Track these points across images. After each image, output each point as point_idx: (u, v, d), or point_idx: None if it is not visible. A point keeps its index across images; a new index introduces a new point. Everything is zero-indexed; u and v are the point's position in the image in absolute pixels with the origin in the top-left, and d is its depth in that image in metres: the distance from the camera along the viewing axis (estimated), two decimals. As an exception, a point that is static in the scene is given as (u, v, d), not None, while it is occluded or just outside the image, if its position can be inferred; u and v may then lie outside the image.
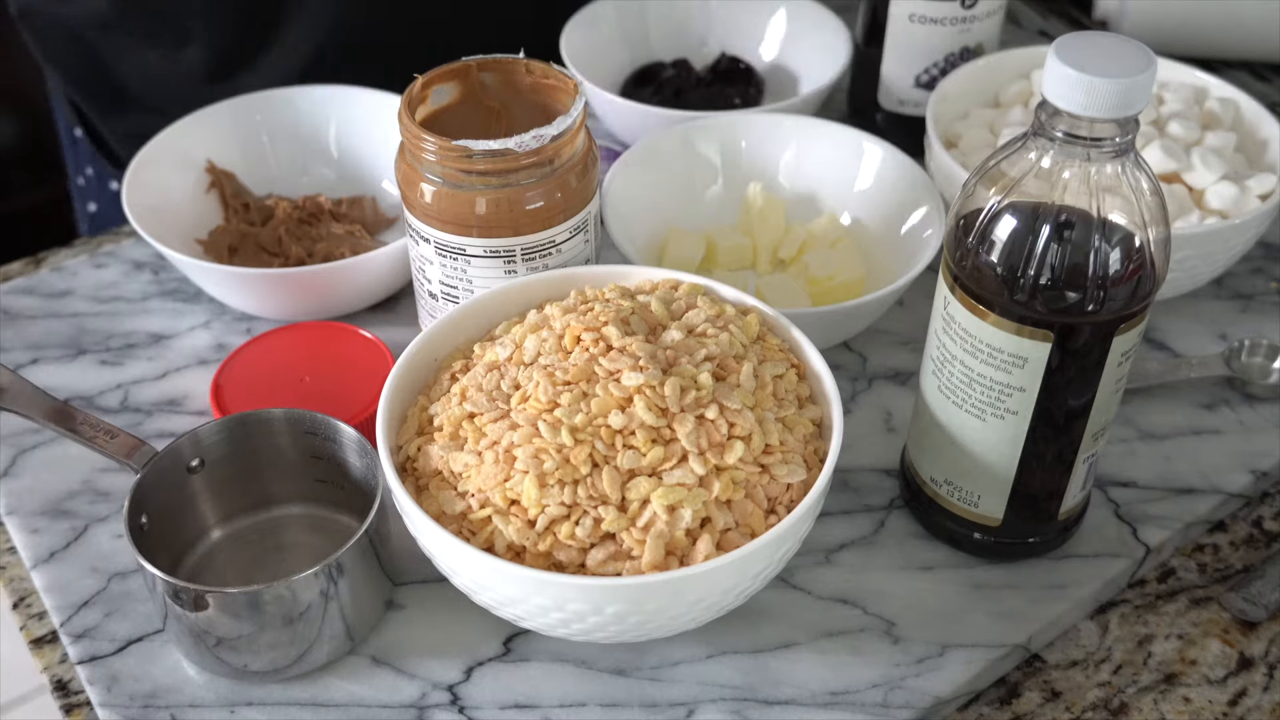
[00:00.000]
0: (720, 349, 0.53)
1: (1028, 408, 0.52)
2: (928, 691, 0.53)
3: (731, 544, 0.49)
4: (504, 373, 0.52)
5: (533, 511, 0.48)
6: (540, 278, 0.58)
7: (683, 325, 0.54)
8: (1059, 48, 0.46)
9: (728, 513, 0.49)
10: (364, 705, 0.53)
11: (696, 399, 0.50)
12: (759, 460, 0.50)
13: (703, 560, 0.48)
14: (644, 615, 0.48)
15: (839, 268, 0.69)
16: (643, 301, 0.55)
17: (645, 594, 0.47)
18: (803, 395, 0.55)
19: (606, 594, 0.47)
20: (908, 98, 0.81)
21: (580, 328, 0.52)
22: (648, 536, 0.48)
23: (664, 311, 0.55)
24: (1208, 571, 0.60)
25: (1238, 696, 0.55)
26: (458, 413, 0.52)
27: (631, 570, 0.48)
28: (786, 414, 0.52)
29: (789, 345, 0.56)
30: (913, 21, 0.77)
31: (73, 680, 0.55)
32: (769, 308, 0.57)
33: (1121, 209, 0.48)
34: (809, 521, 0.51)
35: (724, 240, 0.72)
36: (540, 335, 0.53)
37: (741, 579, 0.49)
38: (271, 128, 0.78)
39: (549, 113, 0.60)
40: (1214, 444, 0.65)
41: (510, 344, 0.54)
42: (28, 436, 0.65)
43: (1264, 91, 0.91)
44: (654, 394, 0.50)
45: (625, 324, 0.53)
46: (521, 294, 0.58)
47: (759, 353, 0.54)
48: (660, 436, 0.49)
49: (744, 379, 0.52)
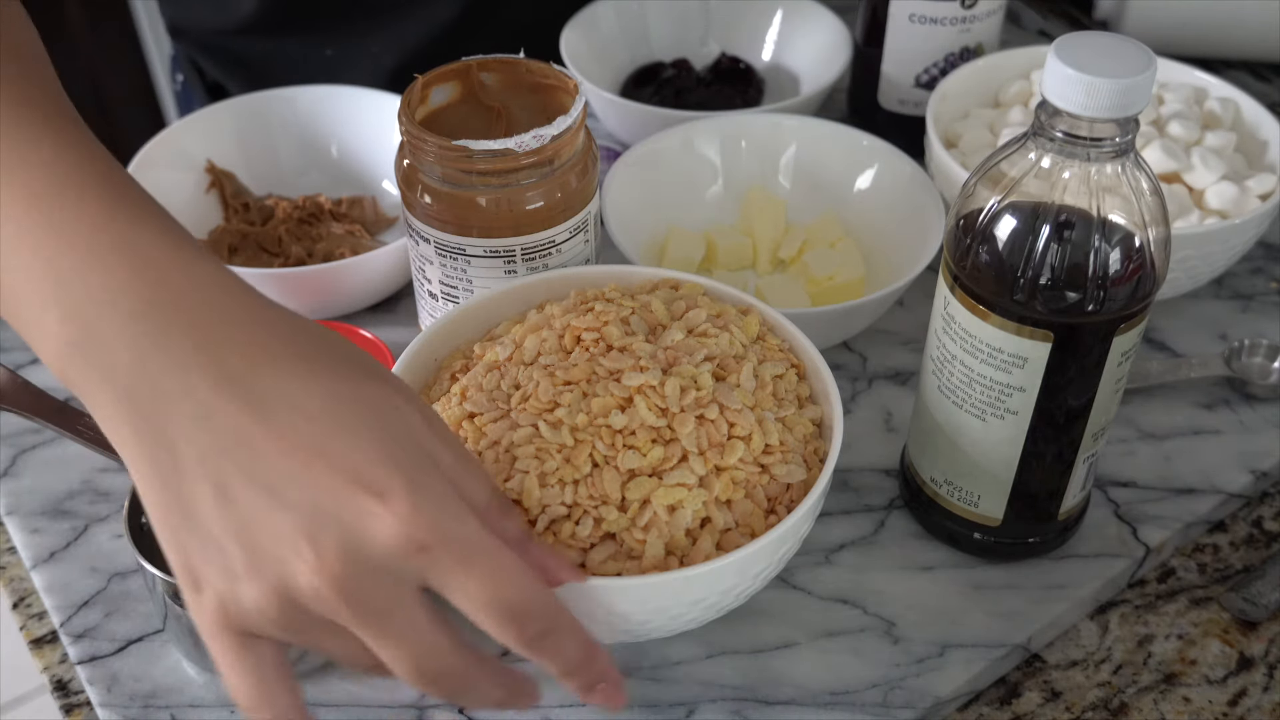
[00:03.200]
0: (720, 349, 0.53)
1: (1028, 408, 0.52)
2: (928, 691, 0.53)
3: (732, 544, 0.49)
4: (504, 372, 0.52)
5: (534, 511, 0.48)
6: (541, 278, 0.58)
7: (683, 325, 0.54)
8: (1059, 48, 0.46)
9: (728, 513, 0.49)
10: (364, 705, 0.53)
11: (697, 399, 0.50)
12: (759, 460, 0.50)
13: (703, 560, 0.48)
14: (645, 615, 0.48)
15: (839, 268, 0.69)
16: (643, 301, 0.55)
17: (646, 594, 0.47)
18: (803, 395, 0.55)
19: (609, 594, 0.47)
20: (908, 98, 0.81)
21: (581, 327, 0.52)
22: (648, 536, 0.48)
23: (664, 311, 0.55)
24: (1208, 571, 0.60)
25: (1238, 696, 0.55)
26: (458, 412, 0.52)
27: (632, 570, 0.48)
28: (786, 414, 0.52)
29: (789, 345, 0.56)
30: (913, 21, 0.77)
31: (73, 680, 0.55)
32: (769, 308, 0.57)
33: (1121, 209, 0.48)
34: (809, 522, 0.51)
35: (724, 240, 0.72)
36: (540, 335, 0.53)
37: (742, 579, 0.49)
38: (271, 128, 0.78)
39: (549, 113, 0.60)
40: (1214, 444, 0.65)
41: (510, 344, 0.54)
42: (28, 436, 0.65)
43: (1264, 91, 0.91)
44: (655, 394, 0.50)
45: (626, 324, 0.53)
46: (522, 294, 0.58)
47: (759, 353, 0.54)
48: (661, 436, 0.49)
49: (744, 379, 0.52)
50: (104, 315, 0.39)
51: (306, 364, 0.40)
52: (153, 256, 0.41)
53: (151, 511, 0.39)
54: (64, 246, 0.40)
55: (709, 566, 0.47)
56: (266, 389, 0.39)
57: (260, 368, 0.39)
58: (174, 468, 0.38)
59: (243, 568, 0.38)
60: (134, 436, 0.39)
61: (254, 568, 0.37)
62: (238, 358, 0.39)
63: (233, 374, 0.39)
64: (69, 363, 0.40)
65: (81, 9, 1.59)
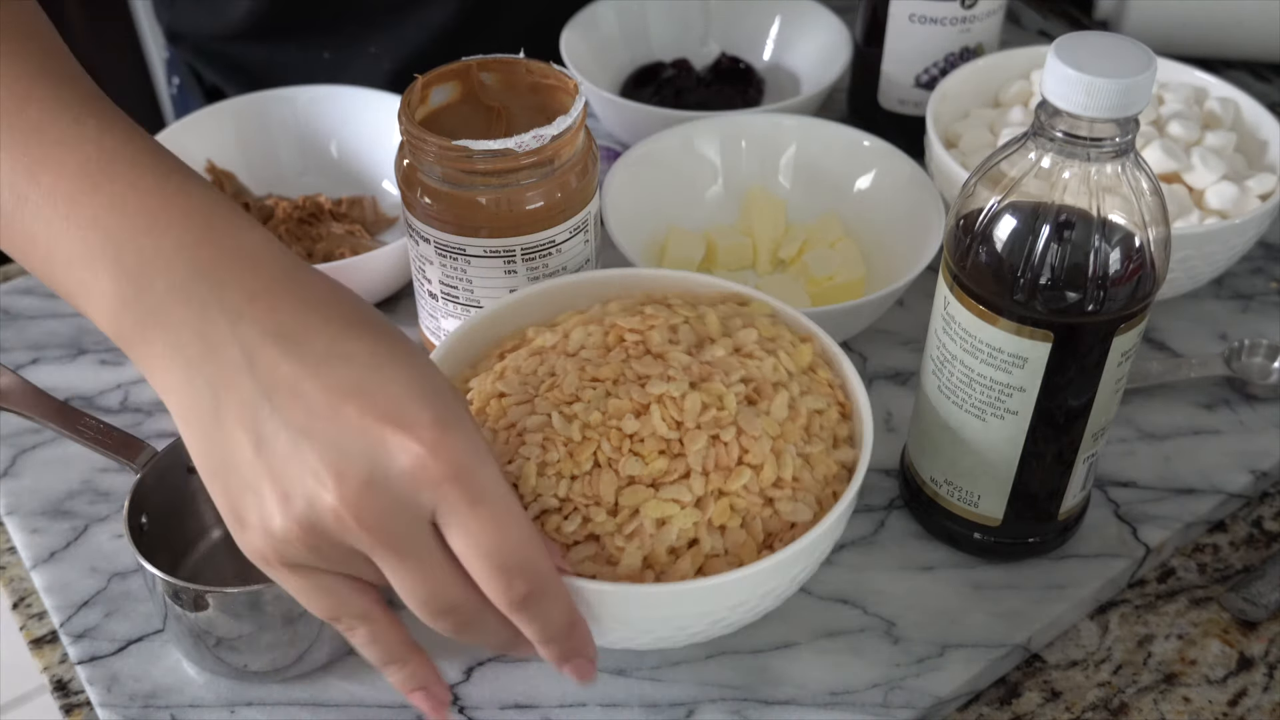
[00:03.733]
0: (761, 373, 0.51)
1: (1028, 408, 0.52)
2: (928, 691, 0.53)
3: (714, 570, 0.47)
4: (544, 359, 0.52)
5: (527, 499, 0.48)
6: (616, 273, 0.58)
7: (731, 343, 0.53)
8: (1059, 48, 0.46)
9: (720, 538, 0.48)
10: (364, 705, 0.53)
11: (715, 418, 0.49)
12: (765, 492, 0.49)
13: (678, 580, 0.47)
14: (609, 623, 0.47)
15: (839, 268, 0.69)
16: (700, 312, 0.54)
17: (612, 602, 0.46)
18: (840, 435, 0.52)
19: (575, 594, 0.46)
20: (908, 98, 0.81)
21: (625, 328, 0.52)
22: (629, 545, 0.47)
23: (717, 326, 0.53)
24: (1208, 571, 0.60)
25: (1238, 696, 0.55)
26: (489, 389, 0.52)
27: (607, 575, 0.47)
28: (812, 450, 0.51)
29: (841, 382, 0.54)
30: (913, 21, 0.77)
31: (73, 680, 0.55)
32: (830, 340, 0.55)
33: (1121, 209, 0.48)
34: (803, 563, 0.49)
35: (724, 240, 0.72)
36: (588, 329, 0.53)
37: (712, 608, 0.47)
38: (271, 128, 0.78)
39: (549, 113, 0.60)
40: (1214, 444, 0.65)
41: (560, 333, 0.54)
42: (28, 436, 0.65)
43: (1264, 91, 0.91)
44: (673, 405, 0.49)
45: (674, 331, 0.52)
46: (593, 287, 0.58)
47: (805, 384, 0.52)
48: (669, 449, 0.48)
49: (775, 407, 0.50)
50: (159, 273, 0.42)
51: (352, 323, 0.42)
52: (205, 221, 0.43)
53: (196, 458, 0.42)
54: (119, 214, 0.43)
55: (672, 587, 0.46)
56: (314, 341, 0.41)
57: (309, 323, 0.41)
58: (216, 414, 0.40)
59: (276, 503, 0.40)
60: (183, 385, 0.41)
61: (285, 501, 0.39)
62: (287, 313, 0.41)
63: (282, 326, 0.41)
64: (122, 320, 0.42)
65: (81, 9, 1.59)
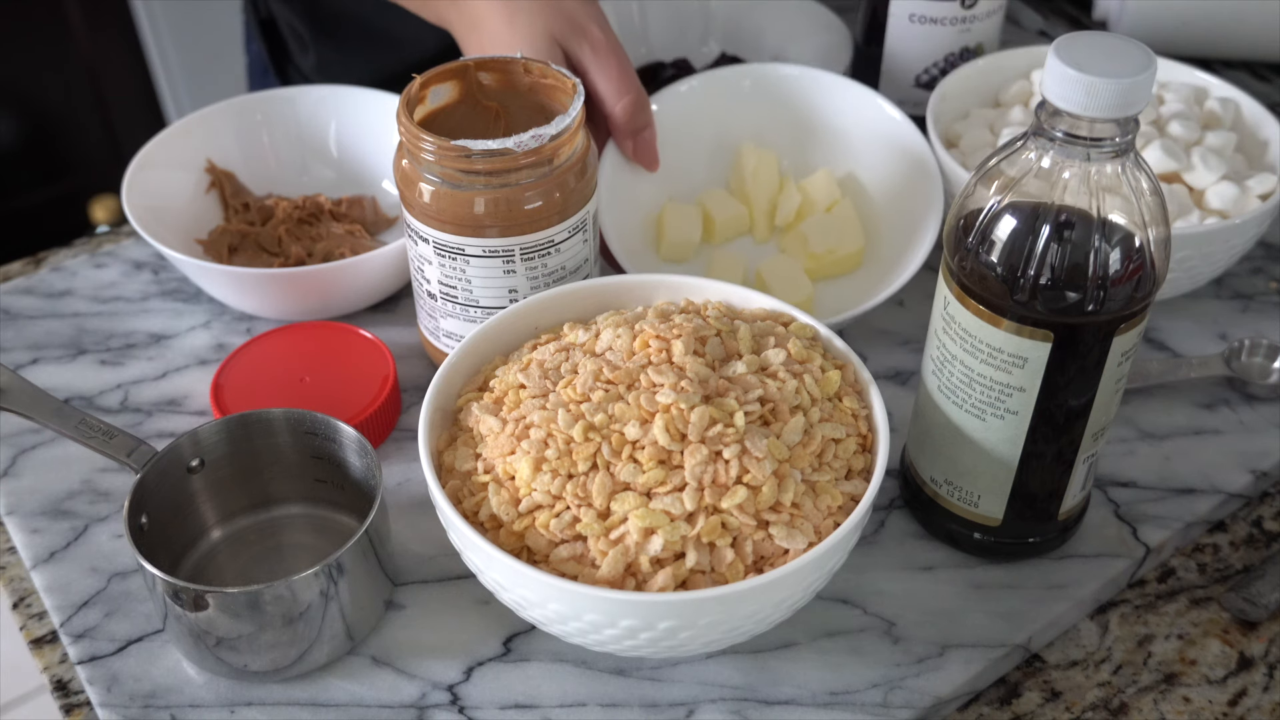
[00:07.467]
0: (780, 395, 0.51)
1: (1028, 408, 0.52)
2: (928, 691, 0.53)
3: (695, 586, 0.47)
4: (570, 356, 0.52)
5: (521, 492, 0.49)
6: (665, 279, 0.58)
7: (756, 361, 0.52)
8: (1059, 48, 0.46)
9: (706, 555, 0.48)
10: (364, 705, 0.53)
11: (720, 434, 0.49)
12: (761, 515, 0.48)
13: (655, 591, 0.47)
14: (584, 625, 0.47)
15: (838, 241, 0.69)
16: (733, 326, 0.54)
17: (582, 604, 0.46)
18: (855, 468, 0.52)
19: (552, 591, 0.46)
20: (908, 98, 0.81)
21: (652, 334, 0.52)
22: (612, 551, 0.47)
23: (749, 342, 0.53)
24: (1208, 571, 0.60)
25: (1238, 696, 0.55)
26: (511, 380, 0.52)
27: (587, 578, 0.47)
28: (820, 479, 0.50)
29: (867, 414, 0.53)
30: (913, 21, 0.77)
31: (73, 680, 0.55)
32: (864, 369, 0.54)
33: (1121, 209, 0.48)
34: (790, 589, 0.48)
35: (719, 212, 0.72)
36: (618, 331, 0.53)
37: (686, 625, 0.47)
38: (271, 128, 0.78)
39: (547, 112, 0.60)
40: (1214, 444, 0.65)
41: (594, 331, 0.54)
42: (28, 436, 0.65)
43: (1264, 91, 0.91)
44: (678, 416, 0.49)
45: (700, 342, 0.52)
46: (641, 290, 0.58)
47: (827, 411, 0.52)
48: (668, 460, 0.48)
49: (788, 431, 0.50)
50: None
51: None
52: None
53: None
54: None
55: (647, 597, 0.46)
56: None
57: None
58: None
59: None
60: None
61: None
62: None
63: None
64: None
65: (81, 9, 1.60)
